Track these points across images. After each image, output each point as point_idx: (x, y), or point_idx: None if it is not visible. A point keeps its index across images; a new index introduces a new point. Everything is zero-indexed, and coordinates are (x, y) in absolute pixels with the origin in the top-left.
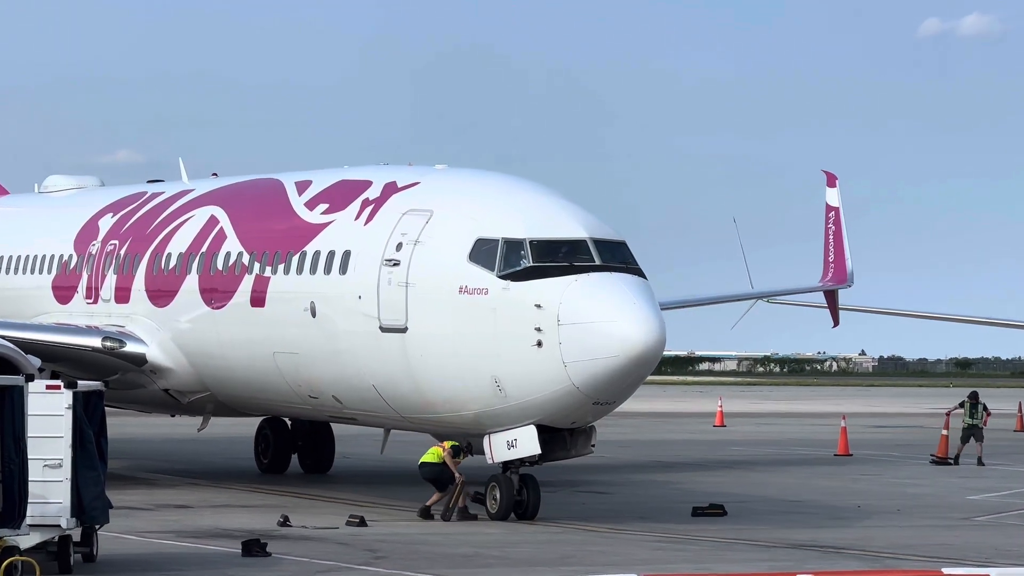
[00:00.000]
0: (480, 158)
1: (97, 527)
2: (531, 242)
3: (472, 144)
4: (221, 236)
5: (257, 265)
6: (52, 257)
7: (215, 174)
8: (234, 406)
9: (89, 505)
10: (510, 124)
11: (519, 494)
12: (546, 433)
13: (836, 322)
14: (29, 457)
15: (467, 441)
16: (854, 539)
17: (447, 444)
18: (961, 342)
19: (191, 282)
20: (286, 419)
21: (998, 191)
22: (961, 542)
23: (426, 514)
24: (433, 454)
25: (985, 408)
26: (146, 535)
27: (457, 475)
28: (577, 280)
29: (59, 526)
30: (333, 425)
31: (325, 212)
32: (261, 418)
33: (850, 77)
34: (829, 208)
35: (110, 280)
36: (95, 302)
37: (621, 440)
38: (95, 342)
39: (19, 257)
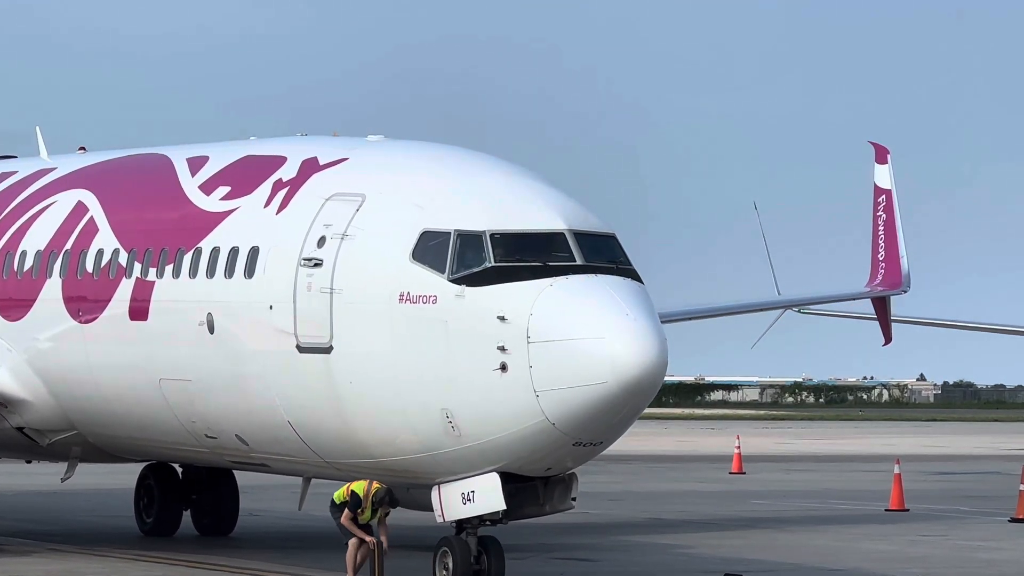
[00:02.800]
0: (428, 131)
1: None
2: (493, 235)
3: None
4: (91, 228)
5: (138, 266)
6: None
7: (83, 148)
8: (109, 449)
9: None
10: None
11: (477, 562)
12: (513, 483)
13: (888, 338)
14: None
15: (385, 488)
16: None
17: (344, 490)
18: None
19: (52, 288)
20: (176, 466)
21: None
22: None
23: None
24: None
25: None
26: None
27: (367, 538)
28: (553, 285)
29: None
30: (237, 473)
31: (226, 197)
32: (144, 464)
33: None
34: (878, 191)
35: None
36: None
37: (611, 492)
38: None
39: None
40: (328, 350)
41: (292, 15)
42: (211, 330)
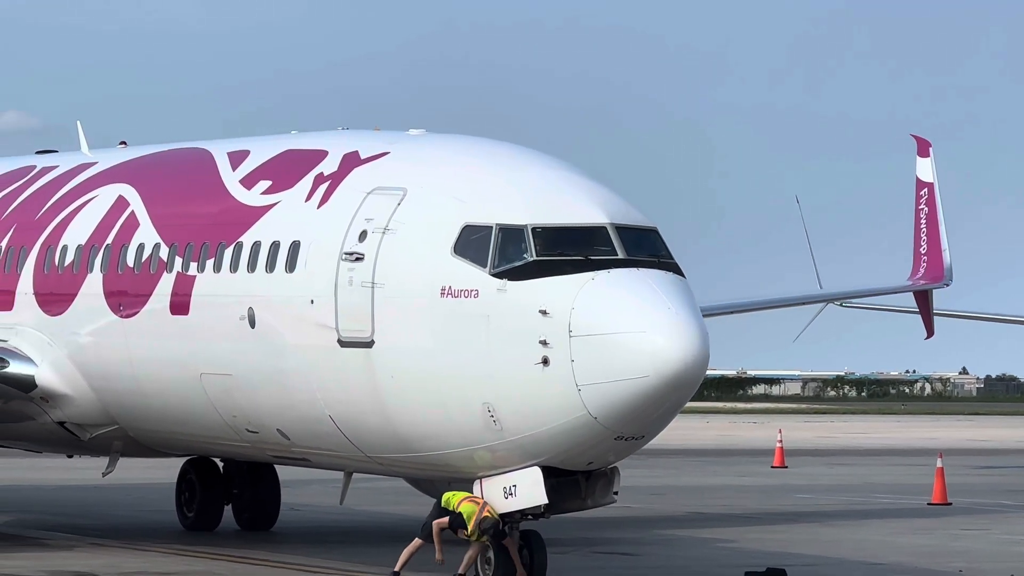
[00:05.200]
0: (470, 125)
1: None
2: (535, 229)
3: (458, 107)
4: (132, 223)
5: (179, 261)
6: None
7: (123, 143)
8: (149, 443)
9: None
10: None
11: (520, 555)
12: (555, 477)
13: (930, 332)
14: None
15: (494, 520)
16: None
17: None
18: None
19: (93, 283)
20: (217, 460)
21: None
22: None
23: None
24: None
25: None
26: None
27: (438, 549)
28: (595, 279)
29: None
30: (278, 468)
31: (267, 191)
32: (185, 459)
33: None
34: (920, 184)
35: None
36: None
37: (652, 486)
38: None
39: None
40: (369, 344)
41: (334, 9)
42: (252, 324)
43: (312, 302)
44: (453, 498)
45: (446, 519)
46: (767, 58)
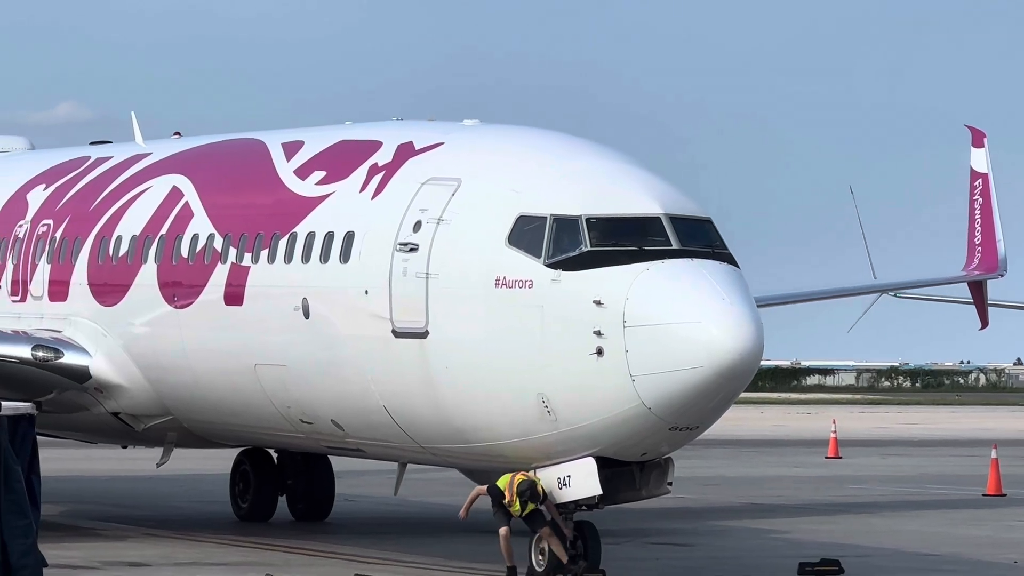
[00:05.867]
0: (524, 115)
1: None
2: (589, 220)
3: (511, 99)
4: (186, 213)
5: (233, 251)
6: None
7: (177, 133)
8: (204, 434)
9: (17, 563)
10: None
11: (573, 547)
12: (609, 468)
13: (984, 322)
14: None
15: (528, 481)
16: None
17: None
18: None
19: (147, 274)
20: (271, 451)
21: None
22: None
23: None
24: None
25: None
26: None
27: (502, 535)
28: (649, 269)
29: None
30: (332, 459)
31: (321, 182)
32: (239, 450)
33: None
34: (975, 175)
35: (42, 271)
36: (23, 299)
37: (706, 476)
38: (23, 352)
39: None
40: (424, 335)
41: (389, 4)
42: (306, 315)
43: (366, 293)
44: (501, 481)
45: (485, 487)
46: (821, 49)
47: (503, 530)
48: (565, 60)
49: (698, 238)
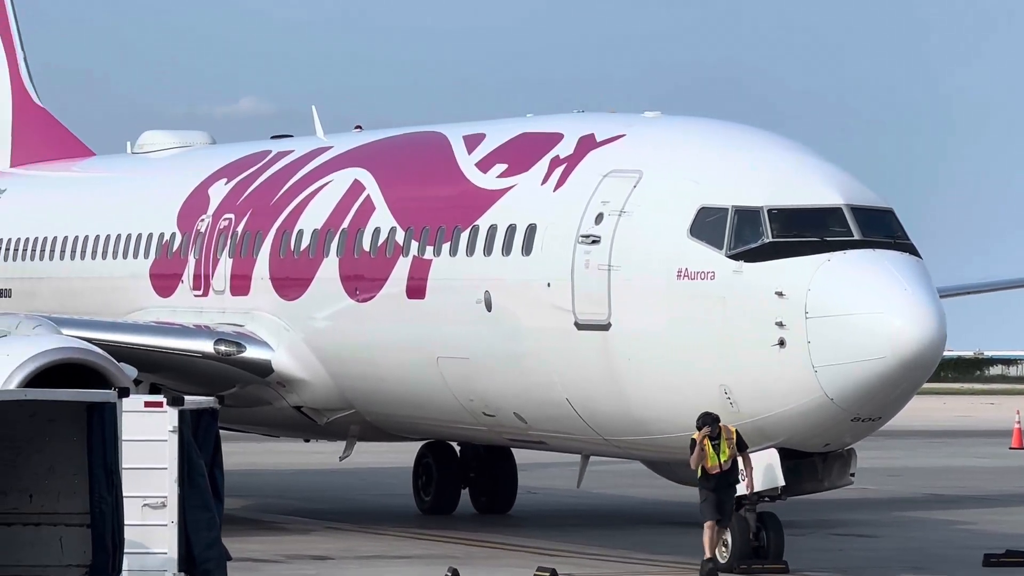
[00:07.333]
0: (704, 107)
1: None
2: (770, 211)
3: (694, 89)
4: (368, 207)
5: (415, 245)
6: (150, 237)
7: (359, 127)
8: (386, 427)
9: (201, 556)
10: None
11: (756, 538)
12: (792, 459)
13: None
14: (124, 495)
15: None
16: None
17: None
18: None
19: (329, 267)
20: (453, 444)
21: None
22: None
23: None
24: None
25: None
26: None
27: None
28: (831, 260)
29: None
30: (515, 451)
31: (503, 175)
32: (421, 443)
33: None
34: None
35: (224, 266)
36: (205, 294)
37: (889, 467)
38: (206, 346)
39: (108, 237)
40: (606, 327)
41: None
42: (488, 308)
43: (549, 285)
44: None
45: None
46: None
47: (709, 523)
48: (744, 48)
49: (879, 228)
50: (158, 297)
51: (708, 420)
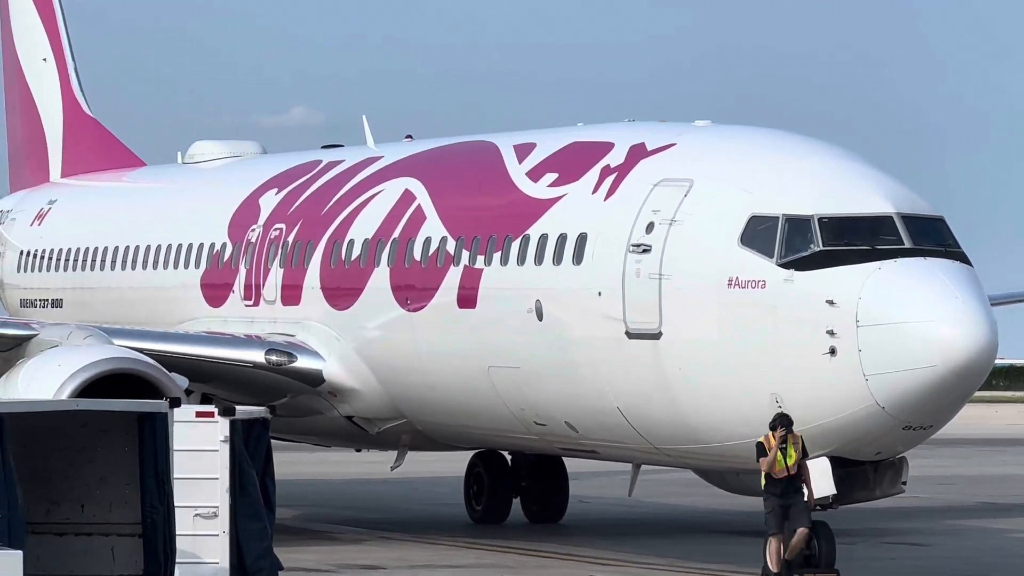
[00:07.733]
0: (755, 116)
1: None
2: (821, 219)
3: (745, 98)
4: (419, 217)
5: (466, 254)
6: (200, 247)
7: (409, 136)
8: (437, 437)
9: (252, 566)
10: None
11: (808, 547)
12: (843, 467)
13: None
14: (176, 504)
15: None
16: None
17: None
18: None
19: (380, 277)
20: (505, 453)
21: None
22: None
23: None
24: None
25: None
26: None
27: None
28: (882, 268)
29: None
30: (566, 460)
31: (553, 184)
32: (472, 452)
33: None
34: None
35: (275, 276)
36: (256, 304)
37: (941, 476)
38: (257, 356)
39: (158, 248)
40: (657, 336)
41: (622, 3)
42: (539, 317)
43: (600, 294)
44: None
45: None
46: None
47: (775, 536)
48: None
49: (930, 237)
50: (209, 307)
51: (784, 422)
